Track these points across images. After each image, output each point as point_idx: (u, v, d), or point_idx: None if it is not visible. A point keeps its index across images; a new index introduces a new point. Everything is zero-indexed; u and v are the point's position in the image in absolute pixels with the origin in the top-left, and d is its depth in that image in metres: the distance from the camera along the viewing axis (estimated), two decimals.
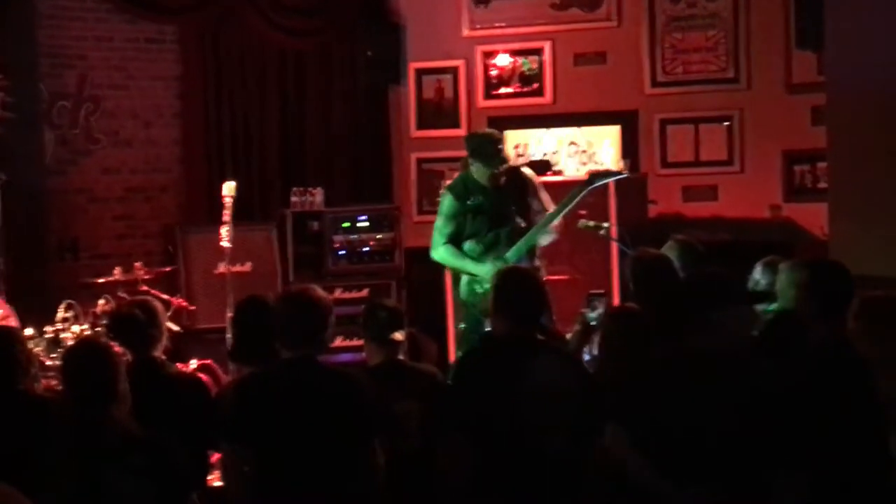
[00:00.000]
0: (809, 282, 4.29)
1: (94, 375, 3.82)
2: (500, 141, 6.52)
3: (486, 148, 6.41)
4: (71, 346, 4.69)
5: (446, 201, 6.51)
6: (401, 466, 4.21)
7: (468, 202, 6.43)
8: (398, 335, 4.80)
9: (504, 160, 6.52)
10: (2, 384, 4.24)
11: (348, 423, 4.03)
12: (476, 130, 6.79)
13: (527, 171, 6.74)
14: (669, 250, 5.78)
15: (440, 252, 6.51)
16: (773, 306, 5.77)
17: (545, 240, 6.43)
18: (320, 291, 4.21)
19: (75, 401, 3.90)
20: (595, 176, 6.61)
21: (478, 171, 6.44)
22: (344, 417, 4.03)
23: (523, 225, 6.43)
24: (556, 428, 4.17)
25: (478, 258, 6.40)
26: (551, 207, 6.48)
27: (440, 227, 6.51)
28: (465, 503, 4.31)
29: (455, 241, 6.45)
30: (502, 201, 6.43)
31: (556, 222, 6.40)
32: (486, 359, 4.46)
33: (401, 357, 4.88)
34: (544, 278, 6.46)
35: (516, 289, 4.46)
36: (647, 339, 4.38)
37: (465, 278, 6.49)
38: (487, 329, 6.04)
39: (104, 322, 6.55)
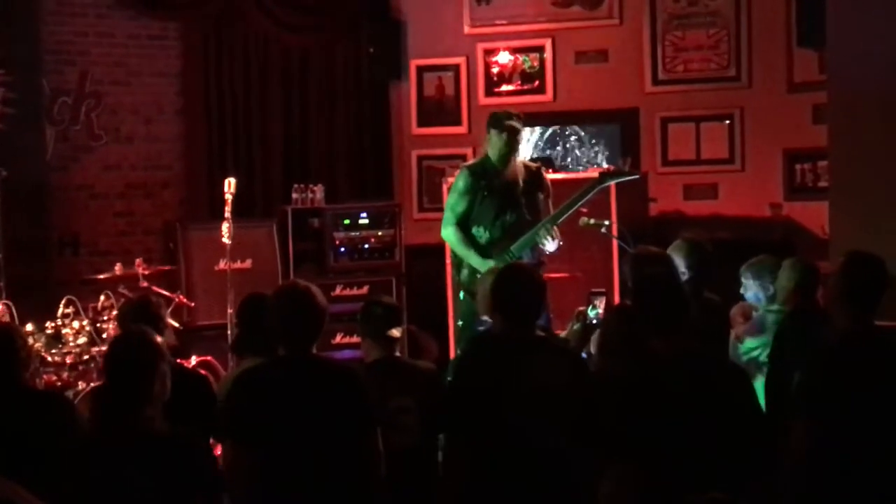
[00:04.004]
0: (838, 274, 4.26)
1: (130, 372, 3.76)
2: (515, 116, 6.46)
3: (500, 117, 6.42)
4: (115, 338, 4.55)
5: (462, 177, 6.46)
6: (398, 462, 4.20)
7: (482, 182, 6.40)
8: (395, 332, 4.79)
9: (517, 130, 6.44)
10: (3, 380, 4.24)
11: (345, 415, 4.03)
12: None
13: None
14: (677, 249, 5.71)
15: (449, 232, 6.46)
16: (776, 306, 5.81)
17: (550, 247, 6.34)
18: (313, 288, 4.19)
19: (106, 396, 3.85)
20: (606, 175, 6.58)
21: (492, 144, 6.40)
22: (340, 410, 4.03)
23: (529, 219, 6.40)
24: (557, 426, 4.16)
25: (483, 246, 6.35)
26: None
27: (452, 204, 6.46)
28: (463, 501, 4.31)
29: (464, 223, 6.41)
30: (513, 188, 6.41)
31: (560, 221, 6.36)
32: (486, 357, 4.45)
33: (398, 354, 4.88)
34: (544, 276, 6.48)
35: (516, 286, 4.43)
36: (645, 338, 4.35)
37: (466, 263, 6.44)
38: (481, 326, 6.03)
39: (105, 318, 6.58)
